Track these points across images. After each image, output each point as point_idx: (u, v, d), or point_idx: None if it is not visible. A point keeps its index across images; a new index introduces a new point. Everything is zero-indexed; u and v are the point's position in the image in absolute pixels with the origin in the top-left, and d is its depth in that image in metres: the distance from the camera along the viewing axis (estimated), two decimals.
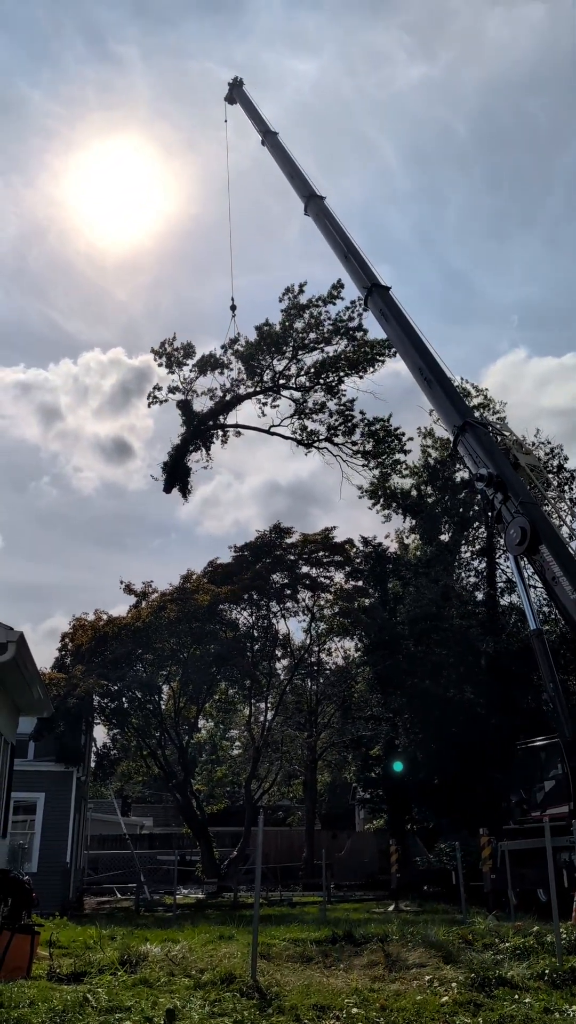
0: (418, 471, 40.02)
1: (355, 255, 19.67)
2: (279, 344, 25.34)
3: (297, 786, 48.18)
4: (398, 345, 17.31)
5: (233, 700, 40.85)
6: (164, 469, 25.03)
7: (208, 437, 26.02)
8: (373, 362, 26.10)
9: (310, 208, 22.40)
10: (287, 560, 35.30)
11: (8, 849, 16.86)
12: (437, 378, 16.06)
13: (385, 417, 26.66)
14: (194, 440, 25.55)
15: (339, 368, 25.81)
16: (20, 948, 9.95)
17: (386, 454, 26.47)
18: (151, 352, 26.09)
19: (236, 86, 30.00)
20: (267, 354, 25.48)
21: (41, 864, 24.83)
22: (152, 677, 33.66)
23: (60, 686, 28.02)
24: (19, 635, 12.02)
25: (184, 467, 25.28)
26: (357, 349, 25.67)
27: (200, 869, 35.66)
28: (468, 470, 16.58)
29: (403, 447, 26.49)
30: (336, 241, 20.62)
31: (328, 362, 25.69)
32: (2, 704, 14.77)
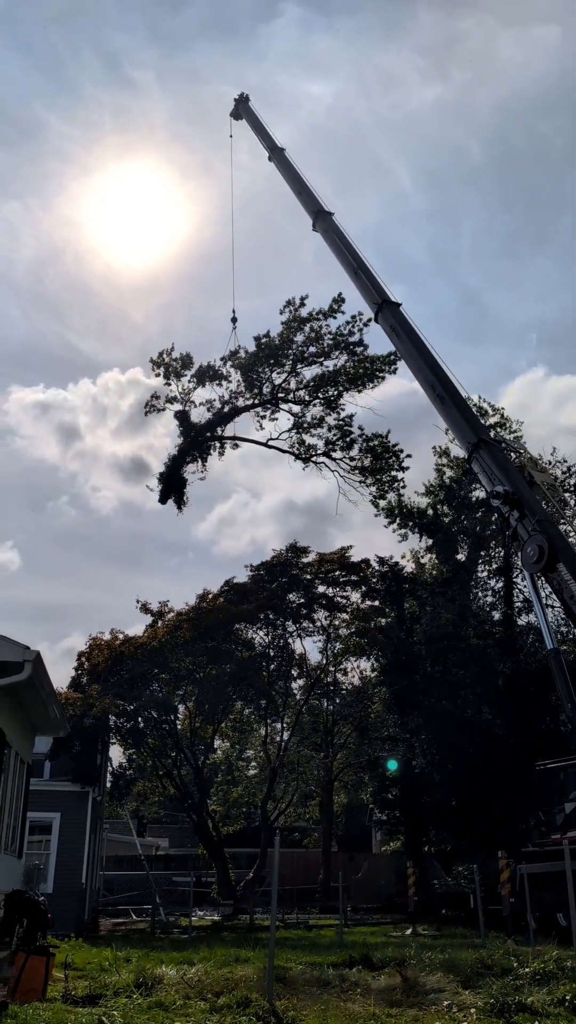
0: (434, 490, 39.97)
1: (365, 271, 19.58)
2: (278, 356, 25.28)
3: (313, 807, 47.87)
4: (409, 361, 17.15)
5: (249, 720, 40.69)
6: (160, 479, 24.90)
7: (205, 448, 25.92)
8: (373, 378, 25.99)
9: (318, 224, 22.33)
10: (303, 579, 35.25)
11: (24, 870, 16.82)
12: (450, 394, 15.94)
13: (384, 433, 26.46)
14: (191, 451, 25.47)
15: (338, 383, 25.72)
16: (35, 970, 9.90)
17: (384, 471, 26.24)
18: (149, 362, 26.02)
19: (242, 102, 29.87)
20: (266, 366, 25.40)
21: (57, 885, 24.73)
22: (168, 697, 33.61)
23: (76, 706, 28.01)
24: (36, 654, 12.02)
25: (180, 478, 25.13)
26: (357, 364, 25.59)
27: (216, 891, 35.44)
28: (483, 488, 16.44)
29: (401, 464, 26.25)
30: (345, 257, 20.53)
31: (327, 376, 25.60)
32: (18, 723, 14.78)
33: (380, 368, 25.87)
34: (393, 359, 25.79)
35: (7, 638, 11.95)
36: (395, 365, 25.97)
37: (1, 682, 11.72)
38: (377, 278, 19.26)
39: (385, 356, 25.75)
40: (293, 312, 25.55)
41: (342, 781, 45.60)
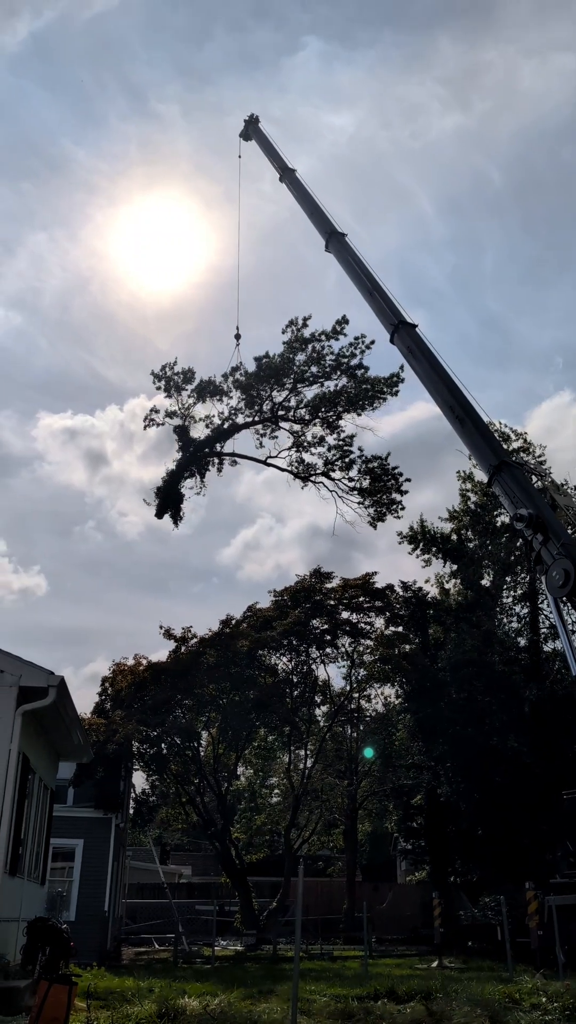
0: (458, 515, 39.81)
1: (379, 292, 19.30)
2: (278, 376, 25.17)
3: (337, 835, 47.36)
4: (427, 383, 16.93)
5: (272, 747, 40.45)
6: (157, 494, 24.65)
7: (204, 464, 25.68)
8: (374, 399, 25.77)
9: (331, 245, 22.06)
10: (327, 605, 35.14)
11: (47, 896, 16.76)
12: (469, 416, 15.69)
13: (384, 455, 26.21)
14: (189, 466, 25.23)
15: (338, 404, 25.57)
16: (57, 998, 9.82)
17: (382, 492, 25.95)
18: (151, 374, 25.86)
19: (252, 123, 29.27)
20: (266, 384, 25.30)
21: (79, 912, 24.58)
22: (191, 723, 33.52)
23: (100, 731, 28.00)
24: (60, 679, 12.07)
25: (177, 493, 24.87)
26: (358, 386, 25.44)
27: (239, 920, 35.09)
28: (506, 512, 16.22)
29: (400, 487, 25.93)
30: (360, 278, 20.24)
31: (328, 397, 25.44)
32: (42, 749, 14.80)
33: (381, 390, 25.66)
34: (395, 381, 25.60)
35: (32, 663, 12.01)
36: (397, 388, 25.74)
37: (26, 707, 11.76)
38: (392, 299, 18.97)
39: (387, 378, 25.48)
40: (296, 332, 25.40)
41: (366, 809, 45.14)
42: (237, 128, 29.75)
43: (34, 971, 10.91)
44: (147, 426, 25.83)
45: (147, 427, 25.89)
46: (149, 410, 25.97)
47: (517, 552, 36.24)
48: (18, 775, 11.86)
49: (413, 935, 35.32)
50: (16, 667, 11.88)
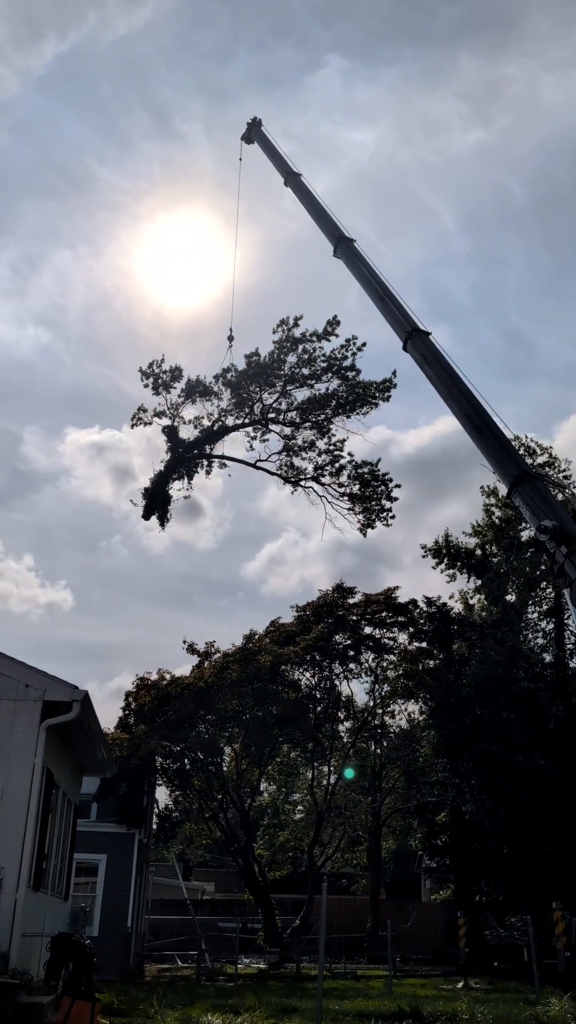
0: (482, 530, 39.59)
1: (391, 298, 18.88)
2: (267, 376, 24.70)
3: (361, 853, 46.98)
4: (442, 392, 16.47)
5: (295, 763, 40.25)
6: (145, 495, 24.17)
7: (192, 466, 25.15)
8: (365, 403, 25.23)
9: (340, 251, 21.57)
10: (349, 621, 35.02)
11: (70, 912, 16.75)
12: (488, 426, 15.33)
13: (374, 461, 25.60)
14: (178, 468, 24.73)
15: (327, 407, 25.08)
16: (80, 1015, 9.81)
17: (372, 499, 25.40)
18: (138, 371, 25.04)
19: (255, 126, 28.51)
20: (255, 383, 24.83)
21: (102, 928, 24.51)
22: (214, 738, 33.45)
23: (123, 746, 28.02)
24: (84, 694, 12.10)
25: (165, 494, 24.37)
26: (350, 390, 24.97)
27: (262, 937, 34.86)
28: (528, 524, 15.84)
29: (389, 493, 25.34)
30: (370, 284, 19.67)
31: (318, 399, 24.97)
32: (66, 764, 14.82)
33: (373, 394, 25.11)
34: (387, 386, 25.02)
35: (56, 677, 12.06)
36: (389, 392, 25.12)
37: (50, 721, 11.80)
38: (404, 305, 18.46)
39: (379, 383, 24.81)
40: (286, 332, 24.90)
41: (390, 826, 44.77)
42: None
43: (57, 987, 10.88)
44: (134, 425, 24.99)
45: (134, 426, 25.15)
46: (137, 408, 24.85)
47: (542, 567, 35.95)
48: (42, 789, 11.89)
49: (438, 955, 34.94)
50: (41, 681, 11.94)
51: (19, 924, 10.80)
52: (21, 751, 11.61)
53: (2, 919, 10.15)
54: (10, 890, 10.54)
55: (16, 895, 10.79)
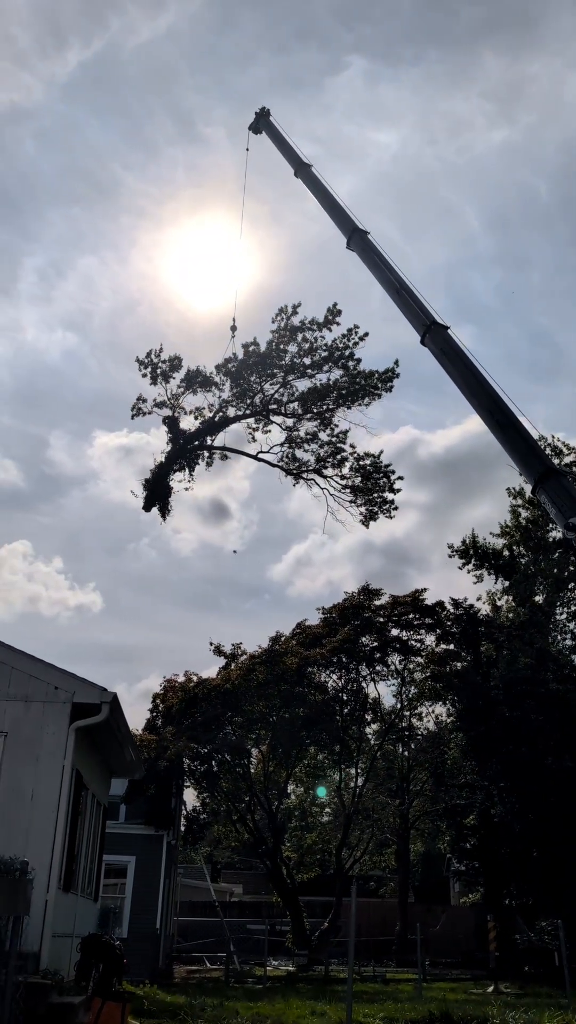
0: (510, 531, 39.34)
1: (407, 291, 18.39)
2: (267, 365, 24.29)
3: (389, 856, 46.82)
4: (462, 387, 16.05)
5: (323, 765, 40.19)
6: (145, 487, 23.82)
7: (194, 457, 24.75)
8: (368, 394, 24.78)
9: (354, 242, 21.01)
10: (376, 623, 34.92)
11: (99, 913, 16.83)
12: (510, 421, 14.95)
13: (376, 453, 25.11)
14: (179, 459, 24.32)
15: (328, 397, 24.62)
16: (111, 1016, 9.85)
17: (375, 491, 24.94)
18: (136, 361, 24.10)
19: (263, 116, 27.83)
20: (254, 374, 24.43)
21: (131, 929, 24.61)
22: (241, 740, 33.47)
23: (151, 748, 28.12)
24: (113, 696, 12.16)
25: (166, 486, 24.03)
26: (351, 380, 24.53)
27: (290, 940, 34.83)
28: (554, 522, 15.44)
29: (392, 486, 24.86)
30: (386, 277, 19.02)
31: (319, 390, 24.54)
32: (95, 765, 14.90)
33: (375, 385, 24.65)
34: (389, 376, 24.53)
35: (85, 679, 12.13)
36: (391, 383, 24.61)
37: (79, 723, 11.87)
38: (421, 299, 17.92)
39: (382, 373, 24.04)
40: (284, 320, 23.84)
41: (418, 829, 44.59)
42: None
43: (87, 987, 10.94)
44: (134, 415, 24.25)
45: (134, 416, 24.31)
46: (136, 399, 24.17)
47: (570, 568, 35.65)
48: (72, 791, 11.96)
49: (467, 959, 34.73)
50: (70, 684, 12.02)
51: (50, 925, 10.86)
52: (51, 753, 11.69)
53: (33, 920, 10.20)
54: (41, 891, 10.60)
55: (47, 896, 10.86)
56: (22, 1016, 8.89)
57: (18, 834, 11.11)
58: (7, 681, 11.97)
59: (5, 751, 11.58)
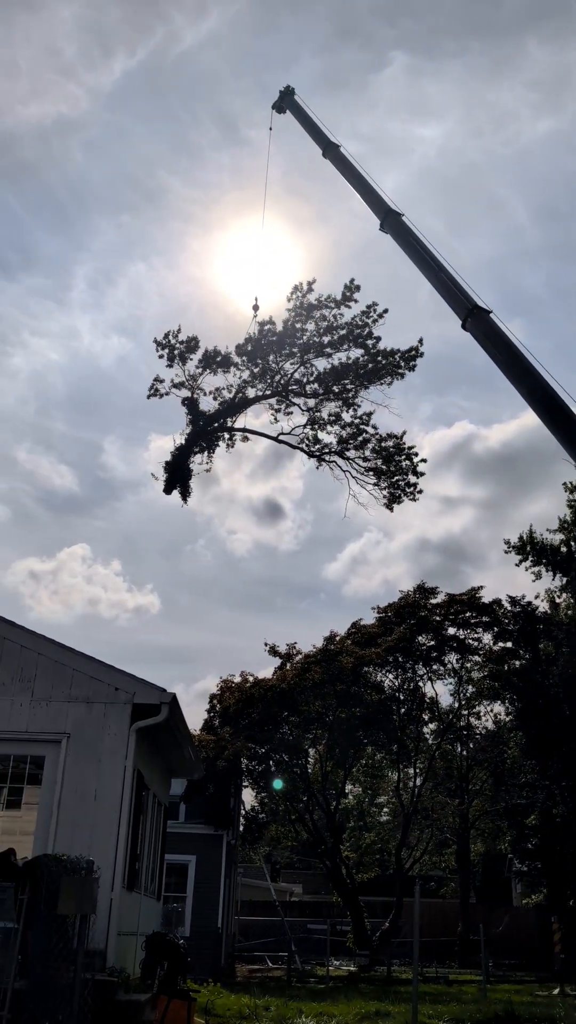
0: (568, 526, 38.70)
1: (446, 274, 17.87)
2: (284, 344, 23.83)
3: (449, 856, 46.43)
4: (508, 374, 15.41)
5: (380, 765, 40.03)
6: (166, 469, 23.47)
7: (214, 439, 24.42)
8: (390, 374, 24.16)
9: (387, 225, 20.34)
10: (432, 621, 34.67)
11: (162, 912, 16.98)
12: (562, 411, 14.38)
13: (399, 434, 23.59)
14: (199, 441, 23.93)
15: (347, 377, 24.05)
16: (177, 1014, 9.93)
17: (398, 474, 24.31)
18: (153, 342, 23.69)
19: (288, 94, 26.74)
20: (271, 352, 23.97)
21: (193, 928, 24.79)
22: (298, 740, 33.51)
23: (209, 748, 28.32)
24: (172, 696, 12.26)
25: (186, 468, 23.72)
26: (372, 358, 23.97)
27: (351, 940, 34.76)
28: None
29: (415, 468, 24.18)
30: (423, 260, 18.26)
31: (338, 369, 24.01)
32: (155, 766, 15.04)
33: (397, 364, 24.00)
34: (412, 355, 23.88)
35: (145, 680, 12.25)
36: (414, 362, 23.91)
37: (139, 724, 11.99)
38: (461, 282, 17.18)
39: (404, 351, 23.18)
40: (300, 298, 23.04)
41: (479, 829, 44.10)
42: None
43: (153, 985, 11.04)
44: (151, 395, 23.95)
45: (151, 396, 24.01)
46: (153, 379, 23.78)
47: None
48: (133, 791, 12.09)
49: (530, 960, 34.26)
50: (130, 685, 12.15)
51: (115, 923, 10.99)
52: (112, 753, 11.83)
53: (99, 918, 10.33)
54: (105, 890, 10.73)
55: (111, 894, 10.98)
56: (90, 1013, 9.01)
57: (82, 834, 11.27)
58: (69, 683, 12.15)
59: (68, 752, 11.75)
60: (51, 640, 12.52)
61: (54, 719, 11.92)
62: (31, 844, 11.33)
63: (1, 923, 7.99)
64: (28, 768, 11.94)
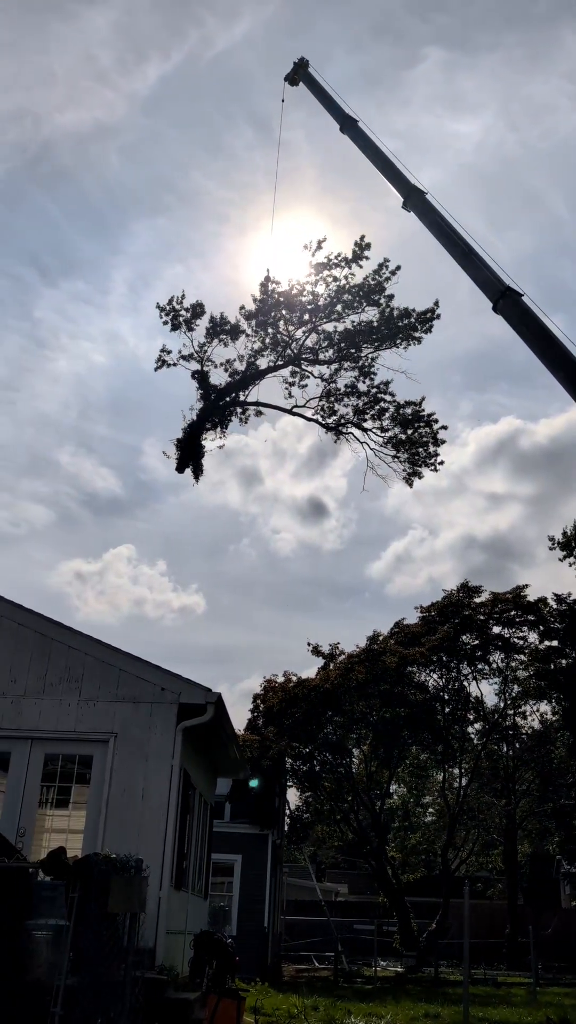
0: None
1: (475, 255, 17.39)
2: (292, 306, 22.95)
3: (496, 856, 46.00)
4: (543, 359, 14.86)
5: (425, 765, 39.78)
6: (178, 446, 21.99)
7: (226, 414, 22.72)
8: (405, 337, 23.12)
9: (411, 203, 19.63)
10: (476, 620, 34.39)
11: (209, 910, 17.06)
12: None
13: (418, 400, 22.54)
14: (211, 417, 22.28)
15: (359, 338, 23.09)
16: (227, 1013, 9.95)
17: (418, 444, 23.22)
18: (156, 307, 22.65)
19: (301, 66, 25.47)
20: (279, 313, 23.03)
21: (239, 927, 24.85)
22: (342, 740, 33.43)
23: (253, 747, 28.38)
24: (217, 696, 12.29)
25: (198, 446, 22.89)
26: (387, 321, 22.13)
27: (397, 941, 34.61)
28: None
29: (435, 436, 23.08)
30: (450, 240, 17.28)
31: (352, 332, 23.05)
32: (201, 765, 15.10)
33: (413, 326, 22.05)
34: (429, 317, 22.95)
35: (190, 680, 12.30)
36: (431, 324, 22.75)
37: (185, 724, 12.04)
38: (492, 263, 16.83)
39: (421, 312, 22.09)
40: (309, 258, 22.02)
41: (526, 830, 43.65)
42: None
43: (202, 984, 11.09)
44: (158, 367, 23.06)
45: (158, 368, 23.11)
46: (160, 350, 22.87)
47: None
48: (180, 790, 12.15)
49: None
50: (176, 685, 12.21)
51: (163, 921, 11.05)
52: (159, 753, 11.90)
53: (148, 917, 10.40)
54: (154, 888, 10.78)
55: (160, 893, 11.04)
56: (141, 1011, 9.07)
57: (130, 833, 11.35)
58: (115, 683, 12.25)
59: (116, 751, 11.84)
60: (97, 640, 12.62)
61: (101, 719, 12.02)
62: (80, 843, 11.45)
63: (52, 921, 8.06)
64: (76, 767, 12.05)
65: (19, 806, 11.68)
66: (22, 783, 11.82)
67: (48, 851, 9.54)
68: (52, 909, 8.15)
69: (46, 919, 8.07)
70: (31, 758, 11.94)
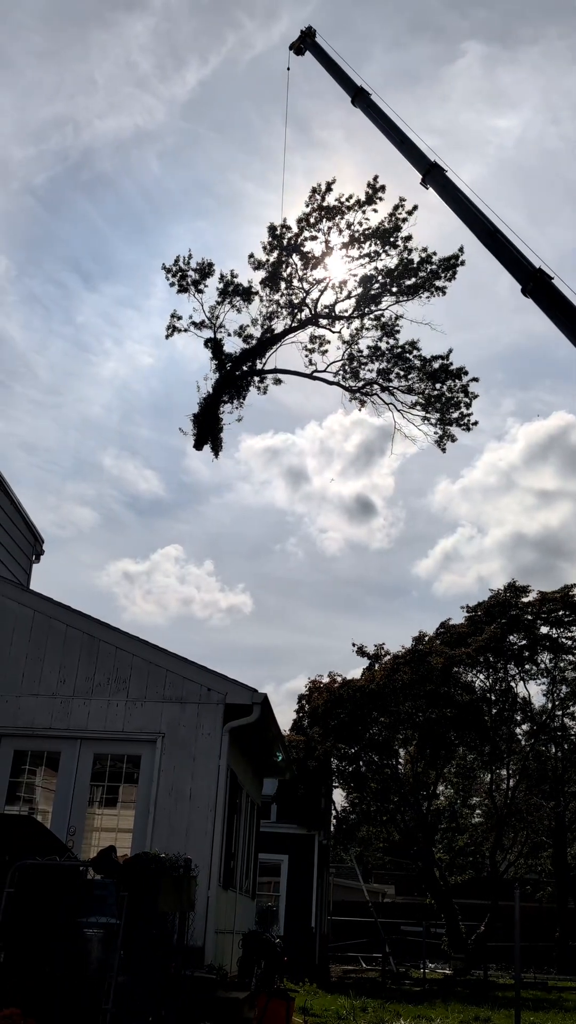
0: None
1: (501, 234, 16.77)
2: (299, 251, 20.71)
3: (545, 859, 45.42)
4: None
5: (472, 766, 39.43)
6: (194, 422, 20.76)
7: (243, 384, 21.47)
8: (428, 287, 20.66)
9: (430, 179, 18.93)
10: (524, 620, 34.00)
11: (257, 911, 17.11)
12: None
13: (445, 353, 20.98)
14: (227, 388, 21.14)
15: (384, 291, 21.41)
16: (276, 1013, 9.95)
17: (448, 403, 20.86)
18: (162, 268, 21.69)
19: (308, 35, 24.31)
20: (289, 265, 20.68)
21: (287, 927, 24.90)
22: (388, 740, 33.29)
23: (299, 748, 28.40)
24: (263, 697, 12.32)
25: (216, 419, 21.58)
26: (406, 268, 20.54)
27: (446, 943, 34.35)
28: None
29: (466, 388, 20.80)
30: (474, 217, 16.65)
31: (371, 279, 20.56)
32: (247, 765, 15.15)
33: (435, 273, 20.58)
34: (453, 263, 21.52)
35: (236, 681, 12.35)
36: (454, 271, 20.75)
37: (232, 724, 12.09)
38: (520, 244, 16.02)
39: (444, 258, 20.66)
40: (318, 203, 20.87)
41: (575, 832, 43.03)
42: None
43: (250, 984, 11.12)
44: (169, 335, 21.94)
45: (169, 335, 21.99)
46: (170, 316, 21.67)
47: None
48: (227, 790, 12.20)
49: None
50: (222, 685, 12.26)
51: (212, 921, 11.12)
52: (206, 753, 11.96)
53: (197, 916, 10.47)
54: (203, 888, 10.85)
55: (208, 892, 11.11)
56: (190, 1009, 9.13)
57: (178, 832, 11.43)
58: (162, 683, 12.34)
59: (163, 751, 11.93)
60: (144, 641, 12.73)
61: (149, 719, 12.13)
62: (129, 842, 11.56)
63: (104, 918, 8.15)
64: (125, 767, 12.16)
65: (69, 805, 11.83)
66: (72, 783, 11.97)
67: (98, 850, 9.65)
68: (103, 907, 8.24)
69: (97, 917, 8.16)
70: (80, 758, 12.09)
